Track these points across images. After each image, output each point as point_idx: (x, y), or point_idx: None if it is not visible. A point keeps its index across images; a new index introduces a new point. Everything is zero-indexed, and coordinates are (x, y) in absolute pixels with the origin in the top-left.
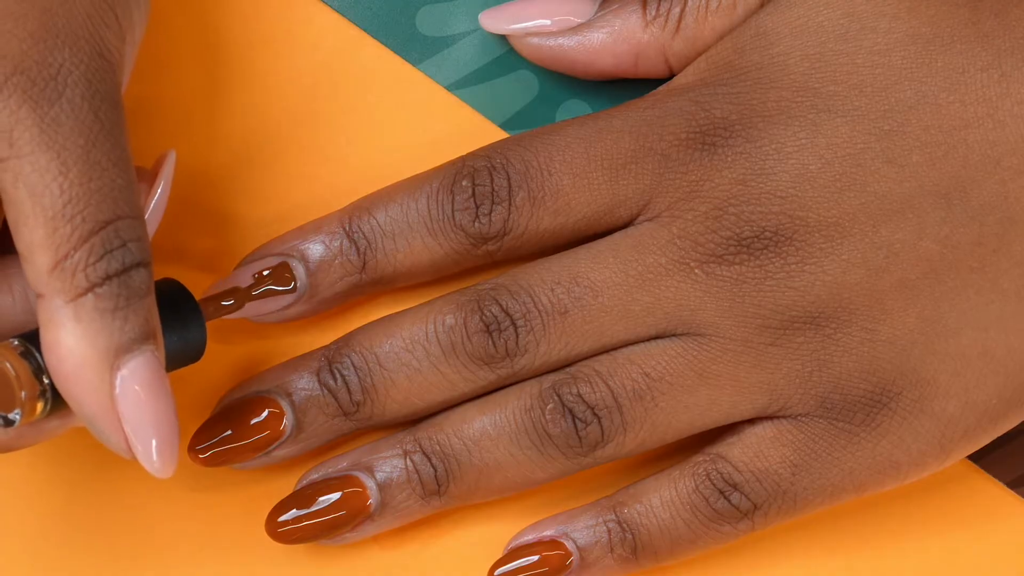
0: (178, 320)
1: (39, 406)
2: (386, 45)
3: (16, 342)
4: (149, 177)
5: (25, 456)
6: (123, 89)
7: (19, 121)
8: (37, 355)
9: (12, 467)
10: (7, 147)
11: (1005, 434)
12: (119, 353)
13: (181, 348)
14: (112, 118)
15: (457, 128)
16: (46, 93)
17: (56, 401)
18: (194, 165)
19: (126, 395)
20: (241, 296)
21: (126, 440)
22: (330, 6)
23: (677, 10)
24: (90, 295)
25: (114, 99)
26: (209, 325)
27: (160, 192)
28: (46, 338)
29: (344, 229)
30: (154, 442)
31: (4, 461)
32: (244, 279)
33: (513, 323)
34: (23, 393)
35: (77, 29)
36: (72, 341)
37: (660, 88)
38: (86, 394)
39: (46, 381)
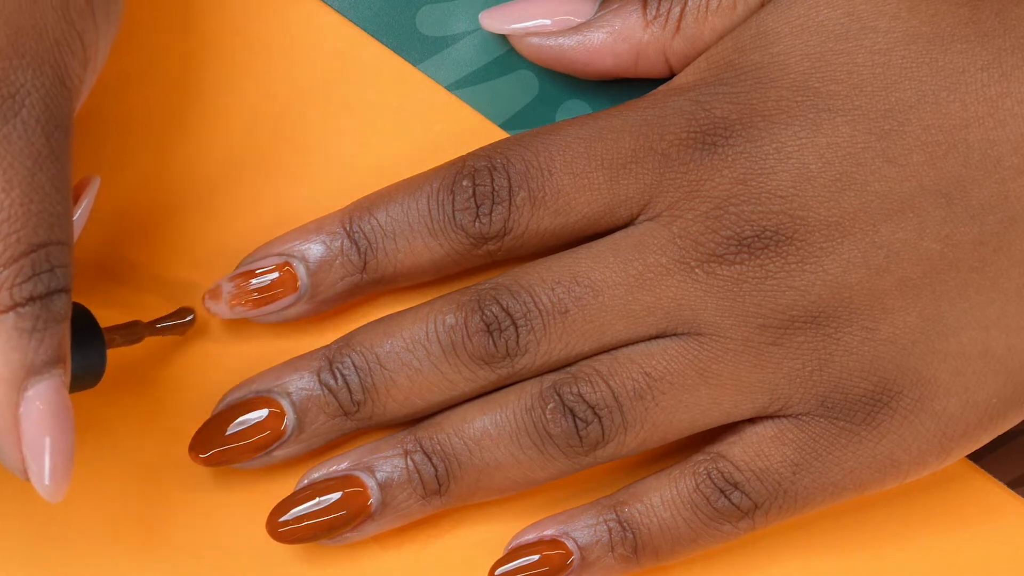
0: (81, 345)
1: None
2: (386, 45)
3: None
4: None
5: None
6: (75, 114)
7: None
8: None
9: None
10: None
11: (1005, 434)
12: (29, 373)
13: (81, 372)
14: (61, 144)
15: (457, 128)
16: (2, 110)
17: None
18: (194, 165)
19: (29, 415)
20: (142, 330)
21: (22, 460)
22: (330, 6)
23: (677, 10)
24: (11, 313)
25: (66, 126)
26: (207, 324)
27: (78, 216)
28: None
29: (345, 229)
30: (48, 465)
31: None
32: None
33: (514, 323)
34: None
35: (43, 53)
36: None
37: (660, 88)
38: None
39: None
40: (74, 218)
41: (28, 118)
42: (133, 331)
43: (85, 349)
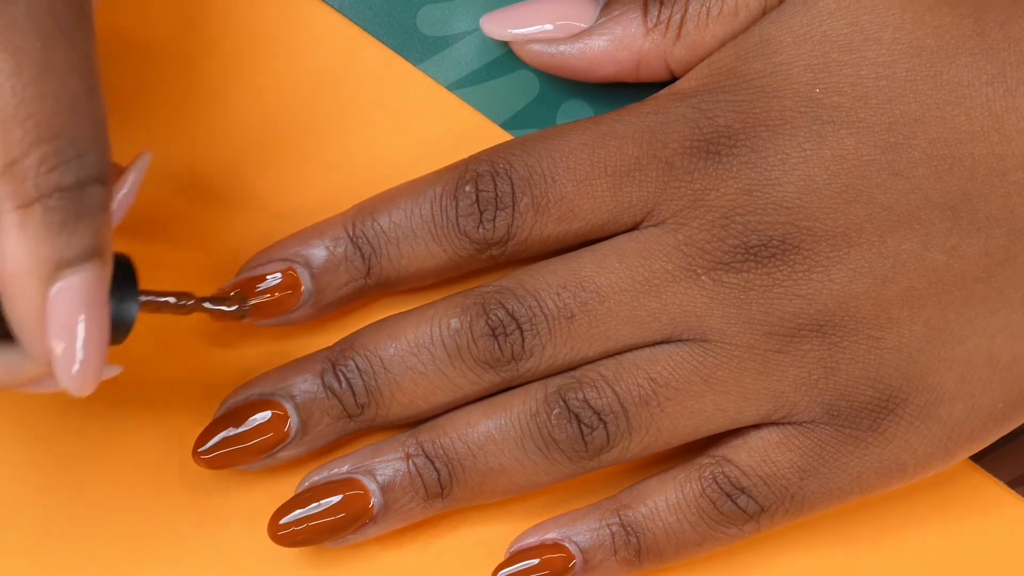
0: (112, 290)
1: None
2: (386, 45)
3: None
4: (118, 175)
5: (26, 456)
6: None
7: None
8: None
9: (13, 467)
10: None
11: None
12: (60, 266)
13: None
14: (74, 24)
15: (457, 128)
16: None
17: None
18: (194, 166)
19: (58, 306)
20: (192, 304)
21: (47, 352)
22: (330, 6)
23: (678, 17)
24: (38, 206)
25: (78, 5)
26: (208, 326)
27: (124, 193)
28: None
29: (348, 234)
30: (78, 355)
31: (5, 462)
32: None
33: (519, 327)
34: None
35: None
36: (15, 247)
37: (662, 92)
38: (18, 299)
39: None
40: (120, 195)
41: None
42: (184, 301)
43: (114, 297)
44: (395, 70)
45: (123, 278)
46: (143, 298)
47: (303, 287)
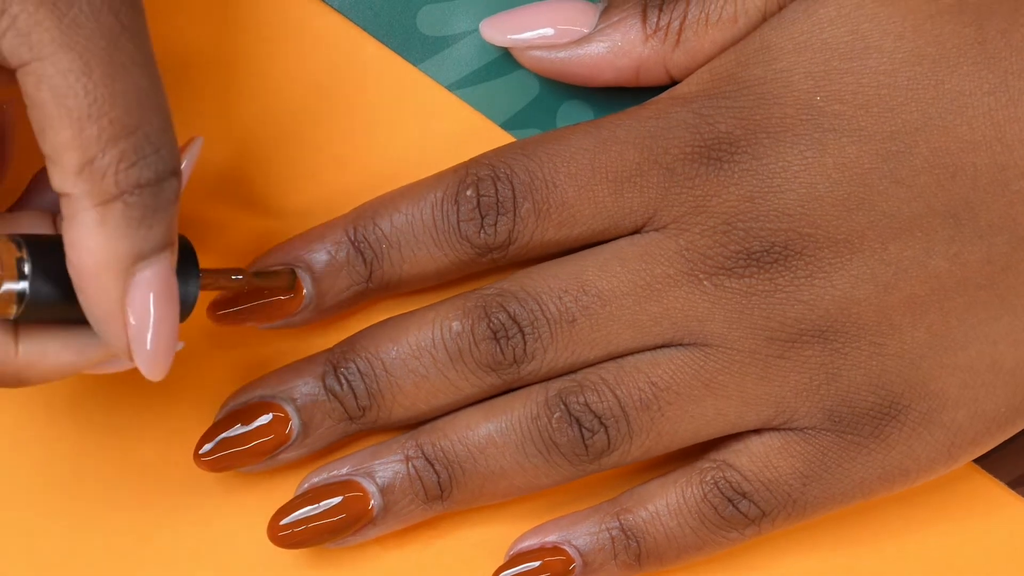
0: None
1: (12, 307)
2: (386, 45)
3: (17, 240)
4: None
5: (27, 455)
6: None
7: (37, 23)
8: (29, 259)
9: (13, 467)
10: (27, 51)
11: None
12: (137, 259)
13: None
14: (133, 20)
15: (457, 128)
16: None
17: (30, 310)
18: (194, 167)
19: (136, 299)
20: (245, 278)
21: (127, 340)
22: (330, 6)
23: (677, 23)
24: (119, 202)
25: (134, 1)
26: (210, 328)
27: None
28: (68, 234)
29: (349, 238)
30: (151, 341)
31: (5, 461)
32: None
33: (521, 330)
34: (3, 286)
35: None
36: (94, 243)
37: (662, 95)
38: (98, 292)
39: (27, 283)
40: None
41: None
42: (236, 276)
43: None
44: (395, 70)
45: (184, 259)
46: (203, 278)
47: (304, 291)
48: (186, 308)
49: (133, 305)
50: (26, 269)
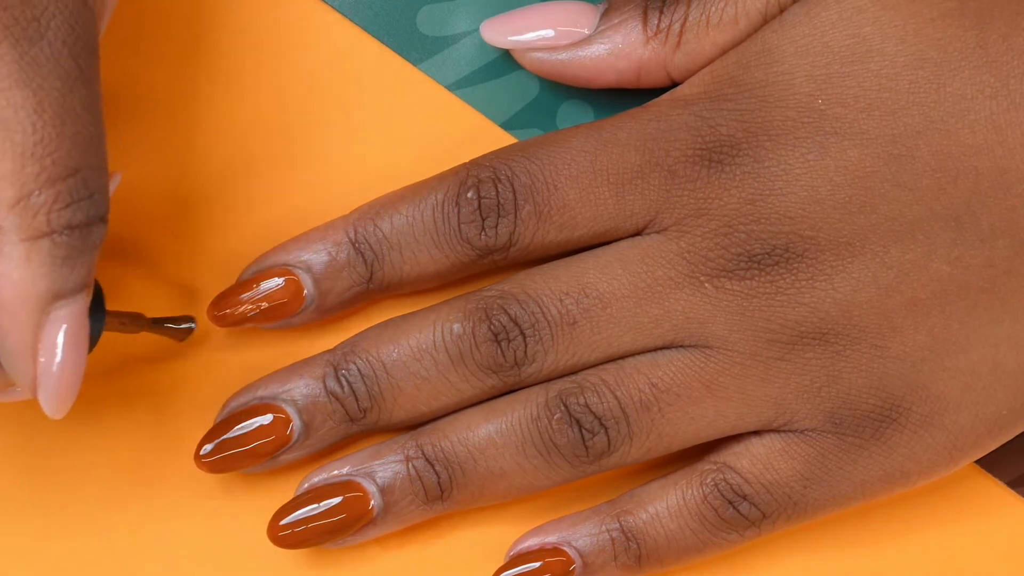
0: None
1: None
2: (386, 45)
3: None
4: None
5: (26, 456)
6: (99, 38)
7: None
8: None
9: (14, 469)
10: None
11: None
12: (56, 298)
13: None
14: (89, 66)
15: (458, 128)
16: (27, 32)
17: None
18: (193, 167)
19: (47, 337)
20: (142, 324)
21: (35, 377)
22: (330, 6)
23: (678, 25)
24: (47, 240)
25: (92, 47)
26: (210, 328)
27: None
28: None
29: (350, 239)
30: (56, 382)
31: (5, 463)
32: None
33: (521, 332)
34: None
35: None
36: (16, 277)
37: (663, 97)
38: (13, 326)
39: None
40: None
41: (55, 40)
42: (135, 321)
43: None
44: (395, 70)
45: (94, 298)
46: (107, 319)
47: (305, 292)
48: (90, 344)
49: (44, 343)
50: None
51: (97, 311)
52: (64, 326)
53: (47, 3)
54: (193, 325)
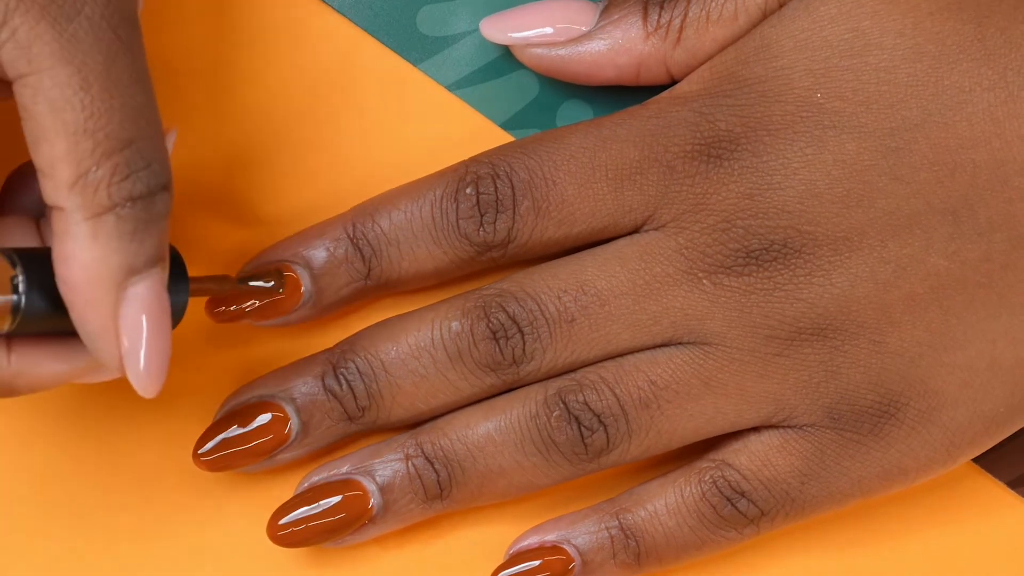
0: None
1: (6, 322)
2: (386, 45)
3: (10, 255)
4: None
5: (26, 455)
6: (140, 9)
7: (37, 36)
8: (22, 273)
9: (13, 466)
10: (26, 63)
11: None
12: (130, 273)
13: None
14: (131, 36)
15: (457, 128)
16: (64, 10)
17: (25, 323)
18: (193, 165)
19: (128, 313)
20: (228, 285)
21: (119, 355)
22: (330, 6)
23: (678, 21)
24: (111, 215)
25: (132, 18)
26: (209, 327)
27: None
28: (60, 249)
29: (348, 235)
30: (144, 357)
31: (5, 461)
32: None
33: (520, 330)
34: None
35: None
36: (86, 257)
37: (663, 94)
38: (90, 307)
39: (21, 298)
40: None
41: (92, 14)
42: (222, 284)
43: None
44: (395, 70)
45: (173, 266)
46: (192, 286)
47: (303, 288)
48: (175, 317)
49: (125, 321)
50: (20, 284)
51: (179, 281)
52: (143, 302)
53: None
54: (274, 284)
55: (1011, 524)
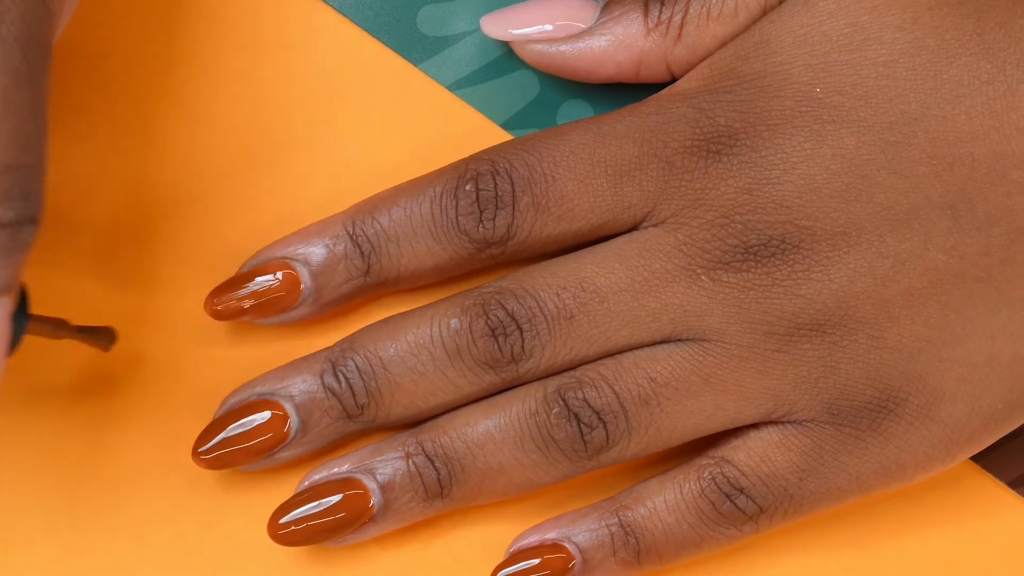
0: None
1: None
2: (387, 45)
3: None
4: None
5: (26, 455)
6: (56, 38)
7: None
8: None
9: (12, 468)
10: None
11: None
12: None
13: None
14: (39, 65)
15: (458, 128)
16: None
17: None
18: (194, 166)
19: None
20: (67, 331)
21: None
22: (330, 6)
23: (679, 17)
24: None
25: (45, 47)
26: (208, 325)
27: None
28: None
29: (347, 232)
30: None
31: (4, 462)
32: (242, 279)
33: (519, 327)
34: None
35: None
36: None
37: (662, 92)
38: None
39: None
40: None
41: (7, 35)
42: (58, 328)
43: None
44: (395, 70)
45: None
46: (29, 324)
47: (302, 285)
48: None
49: None
50: None
51: (20, 315)
52: None
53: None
54: (113, 335)
55: (1011, 524)
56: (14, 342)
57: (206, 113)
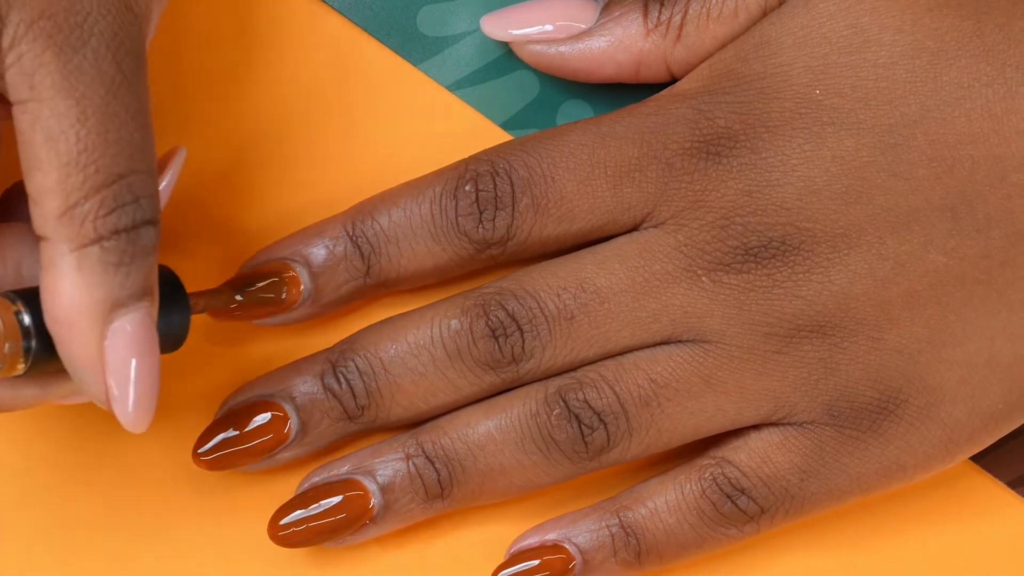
0: (164, 306)
1: (19, 364)
2: (387, 45)
3: (11, 296)
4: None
5: (26, 455)
6: (148, 43)
7: (42, 65)
8: (27, 312)
9: (13, 466)
10: (27, 90)
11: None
12: (115, 307)
13: (163, 333)
14: (134, 71)
15: (458, 128)
16: (71, 40)
17: (37, 363)
18: (193, 166)
19: (114, 347)
20: (229, 296)
21: (106, 391)
22: (330, 6)
23: (678, 18)
24: (96, 247)
25: (138, 52)
26: (209, 325)
27: (164, 185)
28: (45, 280)
29: (347, 233)
30: (132, 394)
31: (4, 462)
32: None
33: (519, 328)
34: (7, 346)
35: None
36: (70, 288)
37: (662, 92)
38: (75, 340)
39: (32, 340)
40: (160, 188)
41: (98, 46)
42: (222, 298)
43: (167, 310)
44: (395, 70)
45: (171, 290)
46: (193, 303)
47: (302, 286)
48: (179, 339)
49: (111, 357)
50: (31, 338)
51: (175, 306)
52: (128, 336)
53: (90, 9)
54: (274, 295)
55: (1011, 524)
56: (181, 334)
57: (206, 113)
